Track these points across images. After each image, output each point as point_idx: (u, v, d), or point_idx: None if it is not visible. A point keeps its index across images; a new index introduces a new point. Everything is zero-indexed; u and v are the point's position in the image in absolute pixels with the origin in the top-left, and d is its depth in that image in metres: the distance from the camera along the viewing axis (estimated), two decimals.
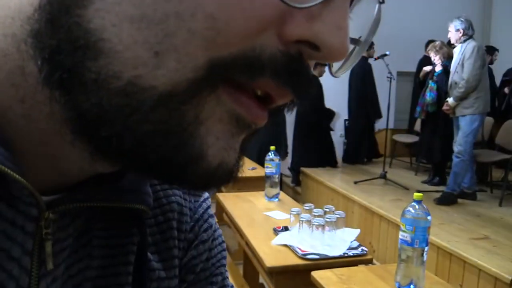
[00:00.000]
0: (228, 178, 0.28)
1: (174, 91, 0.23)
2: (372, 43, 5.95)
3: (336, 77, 0.30)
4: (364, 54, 5.86)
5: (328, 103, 5.88)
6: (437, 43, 4.72)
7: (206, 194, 0.46)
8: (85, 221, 0.32)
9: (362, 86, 6.00)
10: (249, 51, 0.23)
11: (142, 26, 0.22)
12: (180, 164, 0.25)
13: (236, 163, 0.28)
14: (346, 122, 6.86)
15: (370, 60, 5.72)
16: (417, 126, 5.76)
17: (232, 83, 0.24)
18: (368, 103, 6.09)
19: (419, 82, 5.18)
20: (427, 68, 4.94)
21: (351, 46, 0.27)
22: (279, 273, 1.86)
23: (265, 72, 0.24)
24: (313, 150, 5.82)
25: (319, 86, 5.70)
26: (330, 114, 5.95)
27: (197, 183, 0.27)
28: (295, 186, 5.92)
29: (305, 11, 0.24)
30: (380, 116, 6.16)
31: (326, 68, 0.29)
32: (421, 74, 5.05)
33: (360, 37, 0.29)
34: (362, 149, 6.28)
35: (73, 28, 0.23)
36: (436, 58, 4.71)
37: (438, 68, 4.72)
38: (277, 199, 2.76)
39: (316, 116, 5.72)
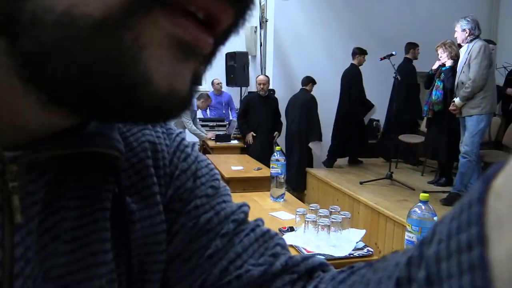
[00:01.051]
0: (181, 106, 0.28)
1: (108, 16, 0.23)
2: (416, 45, 5.90)
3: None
4: (409, 56, 5.84)
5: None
6: (447, 41, 4.68)
7: (178, 130, 0.46)
8: (56, 174, 0.32)
9: (405, 86, 5.79)
10: None
11: None
12: (127, 91, 0.25)
13: (188, 92, 0.28)
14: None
15: (376, 61, 5.69)
16: (423, 127, 5.72)
17: (168, 4, 0.25)
18: (410, 103, 5.96)
19: (427, 78, 5.11)
20: (436, 66, 4.89)
21: None
22: None
23: None
24: (348, 139, 5.94)
25: (359, 76, 5.73)
26: (367, 106, 5.94)
27: (150, 112, 0.27)
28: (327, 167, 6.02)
29: None
30: (421, 116, 6.04)
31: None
32: (433, 67, 4.97)
33: None
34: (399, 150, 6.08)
35: None
36: (443, 56, 4.68)
37: (447, 64, 4.68)
38: (282, 200, 2.75)
39: (353, 107, 5.77)
